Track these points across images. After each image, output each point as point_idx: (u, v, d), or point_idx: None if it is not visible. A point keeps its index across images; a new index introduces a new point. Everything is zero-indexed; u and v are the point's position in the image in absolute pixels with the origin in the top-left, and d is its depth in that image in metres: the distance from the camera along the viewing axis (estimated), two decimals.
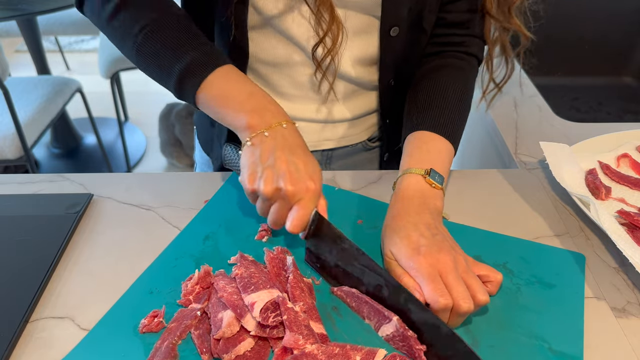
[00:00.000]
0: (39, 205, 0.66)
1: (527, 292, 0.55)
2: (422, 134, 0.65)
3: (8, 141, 1.64)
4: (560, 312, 0.53)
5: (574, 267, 0.59)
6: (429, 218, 0.56)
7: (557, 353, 0.49)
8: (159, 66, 0.60)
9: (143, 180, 0.72)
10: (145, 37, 0.59)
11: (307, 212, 0.54)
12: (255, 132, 0.57)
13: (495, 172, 0.76)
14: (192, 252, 0.59)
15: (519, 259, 0.59)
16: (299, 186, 0.53)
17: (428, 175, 0.60)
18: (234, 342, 0.48)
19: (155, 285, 0.55)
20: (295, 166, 0.54)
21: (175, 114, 2.23)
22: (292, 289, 0.52)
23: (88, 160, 2.36)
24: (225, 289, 0.51)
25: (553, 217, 0.67)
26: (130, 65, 2.14)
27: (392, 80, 0.73)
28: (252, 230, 0.63)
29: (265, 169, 0.54)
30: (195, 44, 0.60)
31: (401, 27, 0.67)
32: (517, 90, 1.00)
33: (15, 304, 0.52)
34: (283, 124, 0.57)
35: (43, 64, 2.14)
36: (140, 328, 0.50)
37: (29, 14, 1.63)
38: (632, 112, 1.28)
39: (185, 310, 0.52)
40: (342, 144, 0.81)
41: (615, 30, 1.34)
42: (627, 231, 0.61)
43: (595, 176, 0.70)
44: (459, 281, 0.49)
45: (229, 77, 0.60)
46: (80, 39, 3.63)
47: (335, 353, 0.46)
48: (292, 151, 0.56)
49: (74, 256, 0.60)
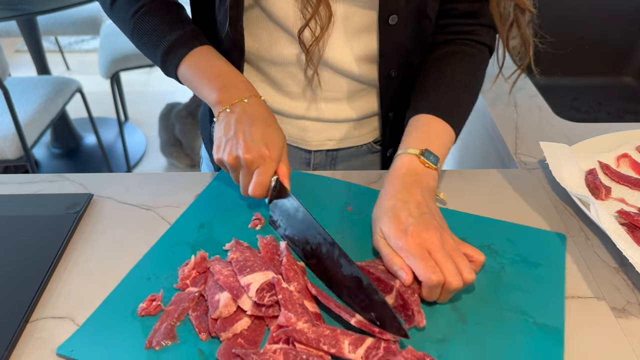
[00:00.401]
0: (39, 205, 0.66)
1: (511, 271, 0.57)
2: (423, 116, 0.66)
3: (8, 141, 1.64)
4: (543, 289, 0.55)
5: (556, 246, 0.61)
6: (419, 196, 0.57)
7: (541, 326, 0.51)
8: (148, 45, 0.68)
9: (143, 180, 0.72)
10: (137, 19, 0.67)
11: (264, 178, 0.59)
12: (222, 108, 0.63)
13: (495, 172, 0.76)
14: (187, 239, 0.61)
15: (504, 240, 0.62)
16: (253, 154, 0.59)
17: (422, 155, 0.61)
18: (231, 321, 0.49)
19: (153, 272, 0.56)
20: (252, 136, 0.60)
21: (175, 114, 2.23)
22: (286, 270, 0.54)
23: (88, 160, 2.36)
24: (221, 272, 0.53)
25: (553, 217, 0.67)
26: (130, 65, 2.14)
27: (393, 71, 0.72)
28: (245, 218, 0.64)
29: (227, 140, 0.60)
30: (179, 27, 0.67)
31: (400, 16, 0.66)
32: (517, 90, 1.00)
33: (15, 304, 0.52)
34: (245, 99, 0.63)
35: (43, 64, 2.14)
36: (139, 311, 0.51)
37: (29, 14, 1.63)
38: (632, 112, 1.28)
39: (183, 293, 0.53)
40: (347, 145, 0.81)
41: (615, 30, 1.34)
42: (627, 231, 0.61)
43: (595, 176, 0.70)
44: (447, 259, 0.51)
45: (205, 56, 0.67)
46: (80, 39, 3.63)
47: (325, 334, 0.47)
48: (252, 122, 0.61)
49: (74, 256, 0.60)
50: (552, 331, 0.50)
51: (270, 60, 0.72)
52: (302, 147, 0.81)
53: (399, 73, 0.73)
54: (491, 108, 0.95)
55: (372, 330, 0.48)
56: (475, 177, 0.75)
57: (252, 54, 0.72)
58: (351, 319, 0.49)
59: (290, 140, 0.80)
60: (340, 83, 0.73)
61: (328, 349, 0.46)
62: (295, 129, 0.79)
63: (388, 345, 0.47)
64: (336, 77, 0.72)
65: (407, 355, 0.46)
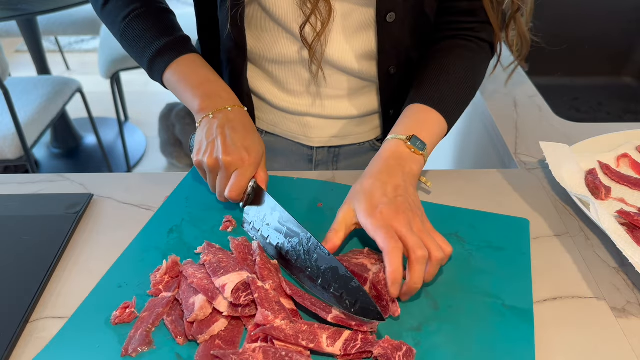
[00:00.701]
0: (39, 205, 0.66)
1: (478, 256, 0.59)
2: (415, 105, 0.66)
3: (8, 141, 1.64)
4: (510, 272, 0.57)
5: (519, 231, 0.63)
6: (400, 180, 0.58)
7: (510, 308, 0.53)
8: (136, 49, 0.69)
9: (143, 180, 0.72)
10: (128, 23, 0.68)
11: (242, 180, 0.60)
12: (204, 114, 0.64)
13: (495, 172, 0.76)
14: (157, 245, 0.60)
15: (469, 227, 0.63)
16: (233, 156, 0.60)
17: (409, 140, 0.61)
18: (207, 323, 0.49)
19: (124, 280, 0.56)
20: (232, 140, 0.61)
21: (175, 114, 2.23)
22: (260, 269, 0.54)
23: (88, 160, 2.36)
24: (195, 275, 0.53)
25: (553, 217, 0.67)
26: (130, 65, 2.14)
27: (392, 68, 0.73)
28: (216, 221, 0.64)
29: (208, 144, 0.62)
30: (167, 33, 0.67)
31: (398, 13, 0.66)
32: (517, 90, 1.00)
33: (15, 304, 0.52)
34: (229, 107, 0.64)
35: (43, 64, 2.14)
36: (113, 320, 0.50)
37: (29, 14, 1.63)
38: (632, 112, 1.28)
39: (156, 299, 0.53)
40: (349, 142, 0.82)
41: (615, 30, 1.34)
42: (627, 231, 0.61)
43: (595, 176, 0.70)
44: (412, 234, 0.51)
45: (191, 64, 0.68)
46: (80, 39, 3.63)
47: (303, 330, 0.47)
48: (233, 128, 0.62)
49: (74, 256, 0.60)
50: (521, 312, 0.52)
51: (272, 59, 0.72)
52: (305, 144, 0.81)
53: (398, 70, 0.73)
54: (491, 108, 0.94)
55: (349, 324, 0.49)
56: (475, 177, 0.75)
57: (254, 53, 0.73)
58: (327, 316, 0.49)
59: (293, 136, 0.81)
60: (341, 80, 0.74)
61: (307, 344, 0.47)
62: (298, 125, 0.79)
63: (365, 336, 0.48)
64: (337, 74, 0.73)
65: (384, 344, 0.47)
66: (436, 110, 0.65)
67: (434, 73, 0.68)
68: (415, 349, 0.48)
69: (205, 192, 0.68)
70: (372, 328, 0.49)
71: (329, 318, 0.49)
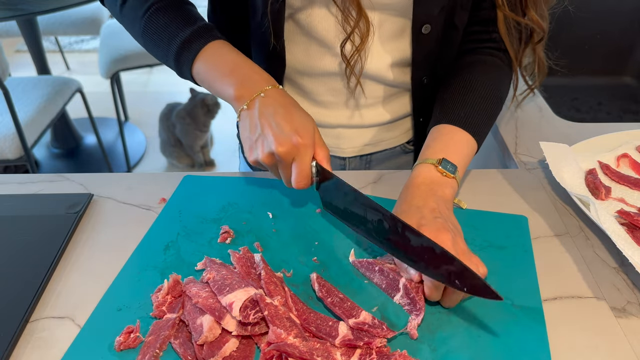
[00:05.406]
0: (39, 205, 0.66)
1: (482, 257, 0.57)
2: (443, 126, 0.65)
3: (8, 141, 1.64)
4: (515, 271, 0.58)
5: (518, 229, 0.63)
6: (434, 204, 0.57)
7: (520, 307, 0.53)
8: (161, 44, 0.64)
9: (143, 180, 0.72)
10: (148, 18, 0.64)
11: (304, 167, 0.57)
12: (240, 106, 0.60)
13: (495, 172, 0.76)
14: (154, 263, 0.58)
15: (471, 228, 0.63)
16: (286, 146, 0.56)
17: (440, 164, 0.60)
18: (218, 344, 0.47)
19: (123, 302, 0.53)
20: (280, 127, 0.57)
21: (175, 114, 2.23)
22: (267, 284, 0.52)
23: (88, 160, 2.36)
24: (199, 294, 0.50)
25: (553, 217, 0.67)
26: (130, 65, 2.14)
27: (425, 78, 0.73)
28: (213, 234, 0.62)
29: (256, 139, 0.58)
30: (191, 23, 0.63)
31: (433, 25, 0.67)
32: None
33: (15, 304, 0.52)
34: (262, 93, 0.59)
35: (43, 64, 2.14)
36: (117, 346, 0.48)
37: (29, 14, 1.63)
38: (632, 112, 1.28)
39: (161, 321, 0.50)
40: (381, 148, 0.82)
41: (615, 30, 1.34)
42: (627, 231, 0.61)
43: (595, 176, 0.70)
44: (464, 254, 0.51)
45: (219, 50, 0.63)
46: (80, 39, 3.63)
47: (316, 347, 0.46)
48: (275, 114, 0.58)
49: (74, 256, 0.60)
50: (531, 311, 0.52)
51: (304, 73, 0.72)
52: (337, 155, 0.81)
53: (430, 80, 0.74)
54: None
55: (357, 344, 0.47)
56: (475, 177, 0.75)
57: (287, 67, 0.72)
58: (334, 341, 0.48)
59: None
60: (376, 89, 0.74)
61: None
62: (330, 137, 0.79)
63: (380, 349, 0.47)
64: (372, 84, 0.73)
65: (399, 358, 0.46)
66: (464, 130, 0.64)
67: (458, 91, 0.68)
68: (432, 354, 0.47)
69: (198, 203, 0.67)
70: (382, 342, 0.48)
71: (336, 342, 0.48)
